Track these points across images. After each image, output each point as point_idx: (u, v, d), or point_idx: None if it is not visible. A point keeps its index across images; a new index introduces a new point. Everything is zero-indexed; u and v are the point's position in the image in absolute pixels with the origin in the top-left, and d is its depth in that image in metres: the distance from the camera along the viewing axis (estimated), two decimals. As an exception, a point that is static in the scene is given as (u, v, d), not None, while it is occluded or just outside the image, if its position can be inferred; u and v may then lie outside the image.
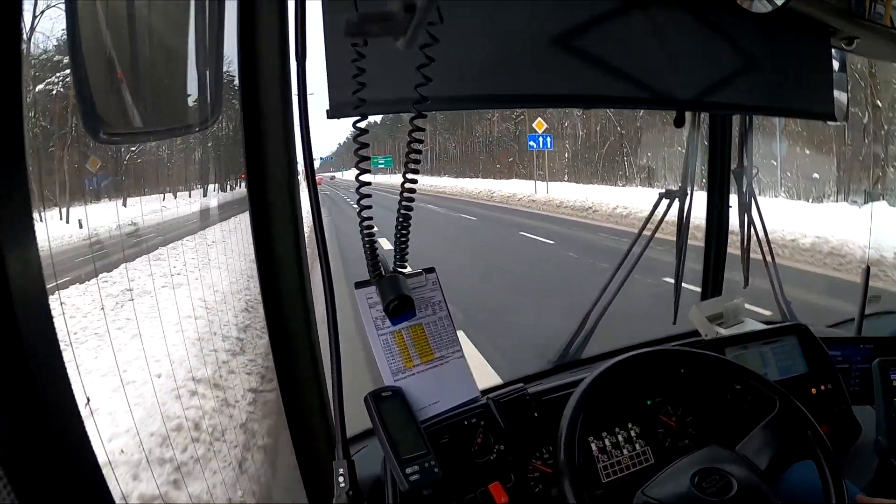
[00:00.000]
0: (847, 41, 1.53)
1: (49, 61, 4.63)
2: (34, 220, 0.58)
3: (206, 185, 6.06)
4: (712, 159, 1.91)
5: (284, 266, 1.10)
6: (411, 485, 0.98)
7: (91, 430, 0.66)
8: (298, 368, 1.15)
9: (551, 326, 2.89)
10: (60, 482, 0.59)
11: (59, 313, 2.82)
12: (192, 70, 0.85)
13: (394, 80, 0.93)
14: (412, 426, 1.05)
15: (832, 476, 1.03)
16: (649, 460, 1.18)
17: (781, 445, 1.06)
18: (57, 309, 2.96)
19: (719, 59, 1.38)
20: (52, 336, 0.61)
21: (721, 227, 1.95)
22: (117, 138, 0.93)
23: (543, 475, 1.14)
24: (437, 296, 1.17)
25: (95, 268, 3.50)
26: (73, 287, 3.48)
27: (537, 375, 1.60)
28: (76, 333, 2.87)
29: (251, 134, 1.04)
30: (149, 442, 2.08)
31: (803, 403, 1.11)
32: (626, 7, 1.24)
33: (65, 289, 3.41)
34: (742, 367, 1.18)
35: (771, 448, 1.05)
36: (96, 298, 3.25)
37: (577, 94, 1.26)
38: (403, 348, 1.12)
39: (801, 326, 1.50)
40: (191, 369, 2.63)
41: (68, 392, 0.63)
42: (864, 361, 1.54)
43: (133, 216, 4.51)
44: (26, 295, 0.56)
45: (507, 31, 1.14)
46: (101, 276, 3.49)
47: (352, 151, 0.98)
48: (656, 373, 1.22)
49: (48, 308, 0.60)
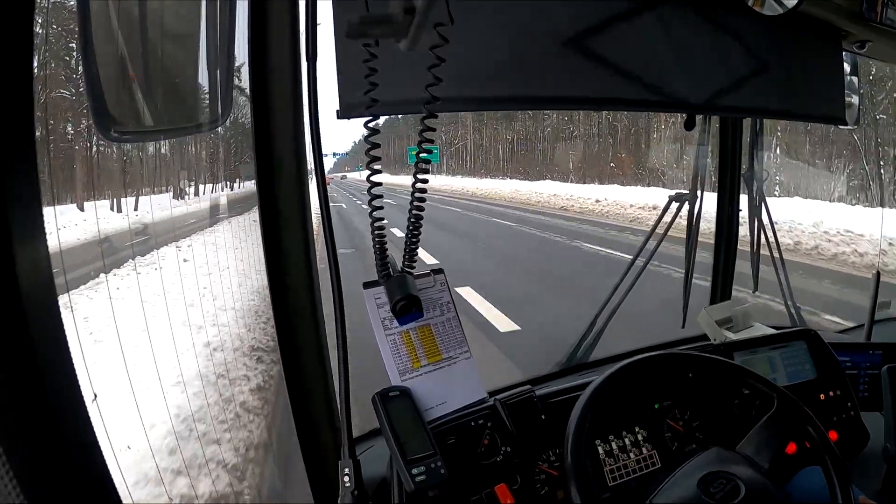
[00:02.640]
0: (859, 44, 1.52)
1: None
2: (43, 214, 0.59)
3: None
4: (722, 163, 1.90)
5: (293, 266, 1.11)
6: (417, 485, 0.98)
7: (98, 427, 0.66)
8: (306, 367, 1.16)
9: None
10: (67, 478, 0.60)
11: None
12: (203, 69, 0.85)
13: (404, 80, 0.92)
14: (419, 426, 1.05)
15: (839, 482, 1.02)
16: (656, 464, 1.18)
17: (781, 444, 1.06)
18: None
19: (730, 62, 1.38)
20: (61, 331, 0.61)
21: (731, 231, 1.94)
22: (128, 136, 0.94)
23: (550, 477, 1.14)
24: (446, 297, 1.17)
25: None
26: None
27: (545, 378, 1.60)
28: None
29: (261, 133, 1.05)
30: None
31: (812, 409, 1.10)
32: (638, 9, 1.24)
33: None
34: (748, 371, 1.18)
35: (771, 446, 1.05)
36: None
37: (588, 96, 1.26)
38: (411, 348, 1.12)
39: (810, 332, 1.49)
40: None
41: (76, 388, 0.63)
42: (873, 367, 1.53)
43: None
44: (35, 289, 0.56)
45: (519, 32, 1.14)
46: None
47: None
48: (664, 376, 1.22)
49: (56, 303, 0.60)
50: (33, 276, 0.56)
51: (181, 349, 2.53)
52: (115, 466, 0.69)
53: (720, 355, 1.24)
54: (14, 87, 0.54)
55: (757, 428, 1.08)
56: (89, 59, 0.66)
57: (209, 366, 2.72)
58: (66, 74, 4.51)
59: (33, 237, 0.57)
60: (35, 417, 0.57)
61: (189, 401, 2.35)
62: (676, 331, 1.91)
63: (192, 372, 2.57)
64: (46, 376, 0.57)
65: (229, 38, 0.89)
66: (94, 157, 4.62)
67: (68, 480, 0.60)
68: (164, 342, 2.51)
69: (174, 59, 0.83)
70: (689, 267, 1.86)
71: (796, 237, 8.83)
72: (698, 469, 1.01)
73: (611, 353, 1.71)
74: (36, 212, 0.58)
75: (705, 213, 1.82)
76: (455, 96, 1.03)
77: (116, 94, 0.71)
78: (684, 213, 1.80)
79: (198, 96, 0.88)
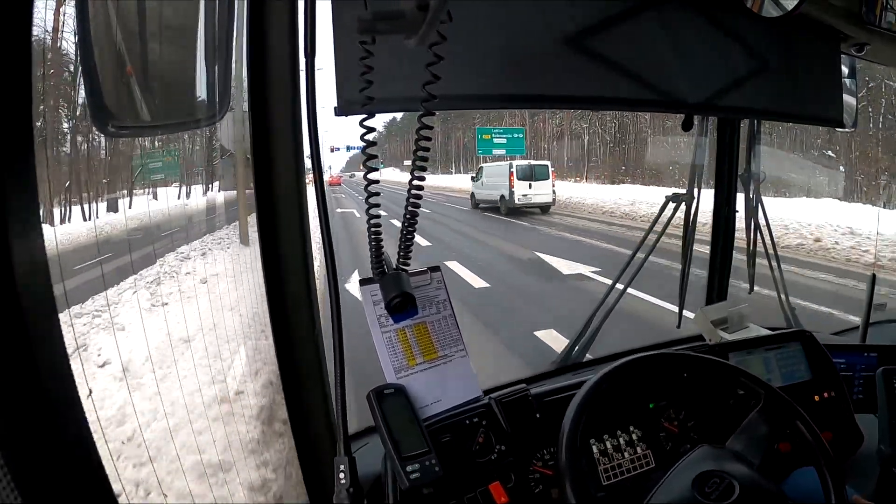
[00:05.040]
0: (857, 47, 1.52)
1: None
2: (40, 212, 0.58)
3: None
4: (720, 163, 1.90)
5: (289, 262, 1.11)
6: (412, 483, 0.98)
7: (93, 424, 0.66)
8: (301, 364, 1.16)
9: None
10: (62, 475, 0.59)
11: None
12: (200, 65, 0.85)
13: (403, 77, 0.92)
14: (414, 424, 1.05)
15: (833, 482, 1.03)
16: (650, 464, 1.18)
17: (770, 439, 1.06)
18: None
19: (729, 63, 1.38)
20: (57, 329, 0.61)
21: (727, 232, 1.94)
22: (125, 131, 0.94)
23: (544, 476, 1.14)
24: (442, 294, 1.17)
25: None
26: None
27: (540, 376, 1.60)
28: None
29: (258, 130, 1.04)
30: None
31: (806, 410, 1.11)
32: (636, 9, 1.24)
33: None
34: (742, 371, 1.18)
35: (760, 441, 1.05)
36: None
37: (586, 95, 1.26)
38: (406, 346, 1.12)
39: (805, 333, 1.49)
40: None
41: (72, 387, 0.63)
42: (868, 369, 1.53)
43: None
44: (31, 287, 0.56)
45: (517, 30, 1.14)
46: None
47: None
48: (659, 376, 1.22)
49: (53, 300, 0.60)
50: (30, 274, 0.56)
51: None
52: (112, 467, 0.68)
53: (715, 356, 1.25)
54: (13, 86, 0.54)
55: (745, 424, 1.08)
56: (87, 53, 0.66)
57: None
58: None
59: (30, 232, 0.57)
60: (32, 417, 0.56)
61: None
62: (672, 331, 1.92)
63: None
64: (43, 375, 0.57)
65: (227, 33, 0.89)
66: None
67: (65, 480, 0.60)
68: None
69: (172, 55, 0.83)
70: (686, 267, 1.87)
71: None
72: (691, 468, 1.01)
73: (606, 352, 1.72)
74: (33, 209, 0.57)
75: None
76: (453, 94, 1.03)
77: (114, 89, 0.71)
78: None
79: (195, 92, 0.88)
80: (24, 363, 0.55)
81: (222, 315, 2.87)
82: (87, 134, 3.32)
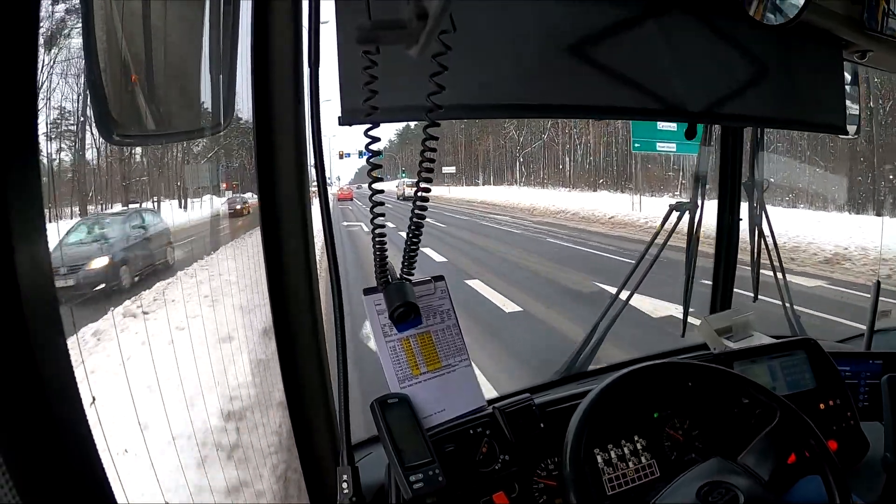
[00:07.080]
0: (860, 54, 1.52)
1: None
2: (44, 214, 0.58)
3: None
4: (723, 172, 1.90)
5: (292, 271, 1.10)
6: (415, 493, 0.97)
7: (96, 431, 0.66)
8: (305, 374, 1.15)
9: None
10: (64, 482, 0.59)
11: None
12: (205, 74, 0.86)
13: (407, 87, 0.92)
14: (417, 434, 1.05)
15: (839, 491, 1.02)
16: (655, 473, 1.17)
17: (782, 455, 1.05)
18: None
19: (732, 71, 1.38)
20: (60, 332, 0.60)
21: (731, 240, 1.93)
22: (130, 140, 0.94)
23: (548, 486, 1.13)
24: (446, 304, 1.17)
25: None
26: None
27: (544, 386, 1.59)
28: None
29: (263, 139, 1.04)
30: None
31: (811, 418, 1.10)
32: (640, 18, 1.24)
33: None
34: (749, 381, 1.17)
35: (772, 458, 1.04)
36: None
37: (590, 104, 1.26)
38: (411, 356, 1.12)
39: (809, 341, 1.49)
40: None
41: (74, 390, 0.62)
42: (873, 377, 1.53)
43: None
44: (34, 291, 0.56)
45: (520, 40, 1.14)
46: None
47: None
48: (664, 386, 1.21)
49: (56, 305, 0.60)
50: (33, 276, 0.56)
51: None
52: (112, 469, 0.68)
53: (720, 364, 1.24)
54: (16, 87, 0.54)
55: (759, 439, 1.07)
56: (92, 62, 0.66)
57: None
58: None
59: (34, 234, 0.57)
60: (33, 420, 0.56)
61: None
62: (676, 340, 1.91)
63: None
64: (45, 378, 0.57)
65: (232, 42, 0.90)
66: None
67: (65, 483, 0.59)
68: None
69: (177, 64, 0.84)
70: (690, 276, 1.86)
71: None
72: (697, 479, 1.00)
73: (610, 362, 1.71)
74: (36, 211, 0.57)
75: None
76: (457, 104, 1.03)
77: (119, 97, 0.71)
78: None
79: (200, 101, 0.88)
80: (24, 363, 0.55)
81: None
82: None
